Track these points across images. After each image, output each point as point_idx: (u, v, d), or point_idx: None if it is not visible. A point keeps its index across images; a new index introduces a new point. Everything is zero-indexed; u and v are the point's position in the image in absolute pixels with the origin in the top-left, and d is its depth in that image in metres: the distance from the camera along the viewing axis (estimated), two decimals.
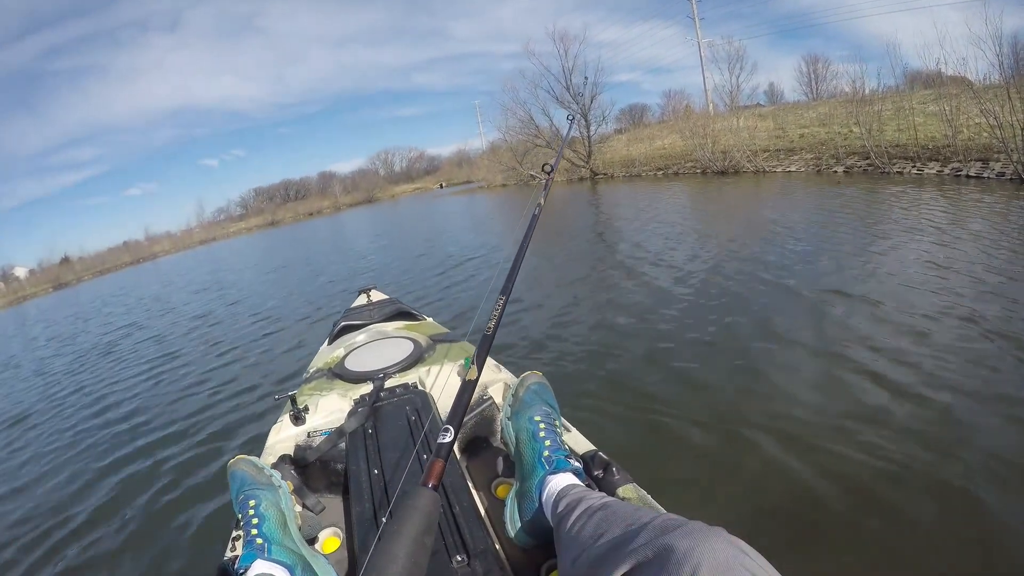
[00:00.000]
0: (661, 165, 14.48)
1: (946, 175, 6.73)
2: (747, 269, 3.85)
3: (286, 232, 25.09)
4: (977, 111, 6.74)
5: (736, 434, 1.88)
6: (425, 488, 0.58)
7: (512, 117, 19.86)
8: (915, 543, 1.33)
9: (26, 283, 31.77)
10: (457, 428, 0.65)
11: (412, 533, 0.53)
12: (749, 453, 1.77)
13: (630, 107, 27.65)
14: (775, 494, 1.57)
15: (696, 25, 19.95)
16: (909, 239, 3.95)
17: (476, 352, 0.79)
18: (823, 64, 21.24)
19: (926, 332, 2.38)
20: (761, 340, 2.64)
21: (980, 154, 6.76)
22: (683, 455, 1.84)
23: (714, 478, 1.71)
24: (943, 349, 2.20)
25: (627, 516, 0.63)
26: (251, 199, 48.16)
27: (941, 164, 7.13)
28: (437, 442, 0.63)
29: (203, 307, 7.56)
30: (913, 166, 7.47)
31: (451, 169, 40.64)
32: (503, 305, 0.86)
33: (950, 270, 3.10)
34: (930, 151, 7.55)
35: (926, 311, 2.59)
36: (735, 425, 1.93)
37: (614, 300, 3.83)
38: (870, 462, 1.63)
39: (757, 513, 1.51)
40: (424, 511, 0.55)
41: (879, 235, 4.25)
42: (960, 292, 2.75)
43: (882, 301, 2.81)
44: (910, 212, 4.91)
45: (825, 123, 10.81)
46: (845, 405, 1.95)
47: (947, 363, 2.09)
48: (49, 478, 2.72)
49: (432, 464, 0.60)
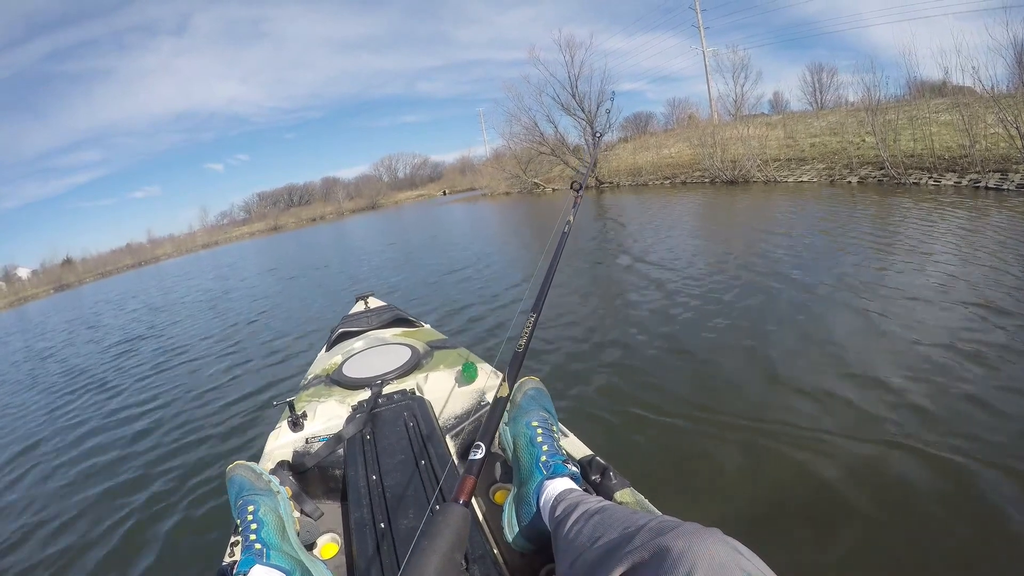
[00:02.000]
0: (668, 174, 14.48)
1: (964, 187, 6.69)
2: (748, 279, 3.86)
3: (289, 238, 25.27)
4: (993, 120, 6.72)
5: (733, 439, 1.92)
6: (456, 504, 0.58)
7: (516, 124, 19.97)
8: (914, 544, 1.35)
9: (28, 284, 32.16)
10: (488, 445, 0.66)
11: (443, 549, 0.54)
12: (746, 458, 1.81)
13: (635, 115, 27.90)
14: (771, 497, 1.61)
15: (701, 34, 20.16)
16: (928, 255, 3.88)
17: (508, 369, 0.79)
18: (828, 73, 21.37)
19: (935, 349, 2.36)
20: (759, 348, 2.68)
21: (998, 165, 6.73)
22: (680, 460, 1.88)
23: (711, 482, 1.74)
24: (950, 365, 2.19)
25: (624, 519, 0.64)
26: (255, 204, 48.77)
27: (958, 175, 7.09)
28: (469, 459, 0.64)
29: (201, 312, 7.62)
30: (930, 177, 7.43)
31: (454, 176, 40.93)
32: (534, 323, 0.86)
33: (968, 283, 3.08)
34: (946, 161, 7.52)
35: (938, 327, 2.57)
36: (732, 430, 1.98)
37: (612, 307, 3.88)
38: (867, 465, 1.67)
39: (753, 516, 1.54)
40: (455, 527, 0.56)
41: (897, 251, 4.14)
42: (976, 305, 2.74)
43: (890, 314, 2.81)
44: (930, 226, 4.80)
45: (836, 132, 10.81)
46: (841, 412, 1.99)
47: (954, 375, 2.09)
48: (46, 483, 2.74)
49: (463, 480, 0.61)
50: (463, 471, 0.63)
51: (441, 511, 0.57)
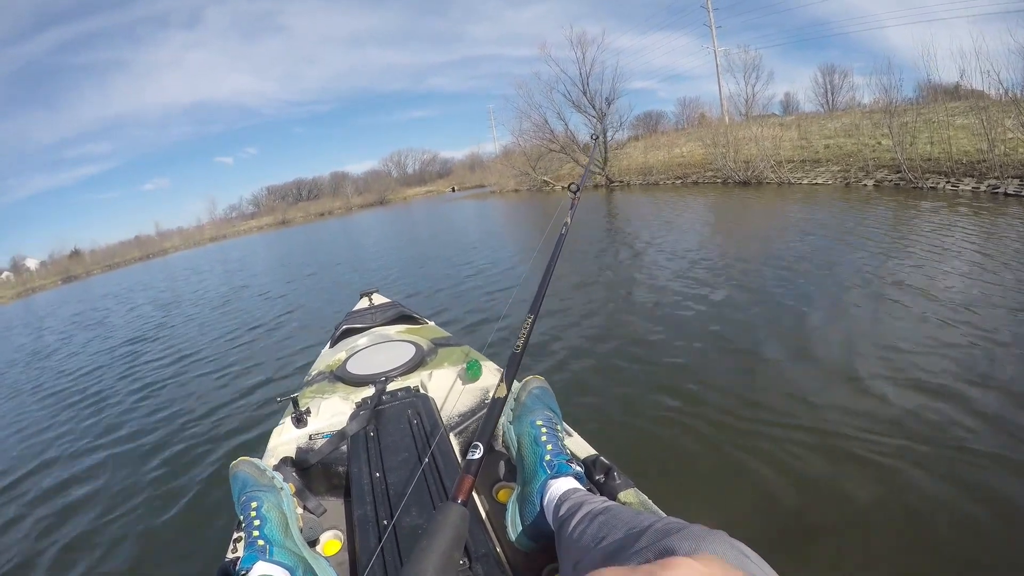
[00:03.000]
0: (680, 174, 14.41)
1: (982, 192, 6.60)
2: (761, 283, 3.83)
3: (296, 232, 25.39)
4: (1012, 124, 6.62)
5: (738, 440, 1.92)
6: (455, 504, 0.59)
7: (526, 121, 19.95)
8: (916, 548, 1.36)
9: (36, 275, 32.62)
10: (487, 445, 0.67)
11: (442, 548, 0.55)
12: (751, 459, 1.81)
13: (645, 114, 27.76)
14: (776, 500, 1.61)
15: (712, 33, 19.99)
16: (953, 263, 3.73)
17: (505, 370, 0.80)
18: (840, 75, 21.18)
19: (948, 361, 2.32)
20: (766, 350, 2.69)
21: (1018, 170, 6.64)
22: (685, 460, 1.89)
23: (716, 484, 1.75)
24: (960, 378, 2.15)
25: (629, 520, 0.64)
26: (263, 197, 49.12)
27: (976, 180, 7.00)
28: (467, 458, 0.65)
29: (205, 308, 7.68)
30: (947, 181, 7.33)
31: (464, 172, 40.99)
32: (531, 324, 0.87)
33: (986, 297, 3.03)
34: (964, 166, 7.42)
35: (950, 341, 2.53)
36: (737, 431, 1.98)
37: (618, 307, 3.90)
38: (872, 469, 1.67)
39: (758, 518, 1.54)
40: (454, 526, 0.57)
41: (915, 257, 3.97)
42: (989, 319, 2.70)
43: (904, 324, 2.78)
44: (953, 232, 4.63)
45: (851, 134, 10.70)
46: (846, 415, 1.99)
47: (963, 390, 2.06)
48: (50, 477, 2.77)
49: (462, 480, 0.62)
50: (462, 471, 0.64)
51: (440, 510, 0.58)
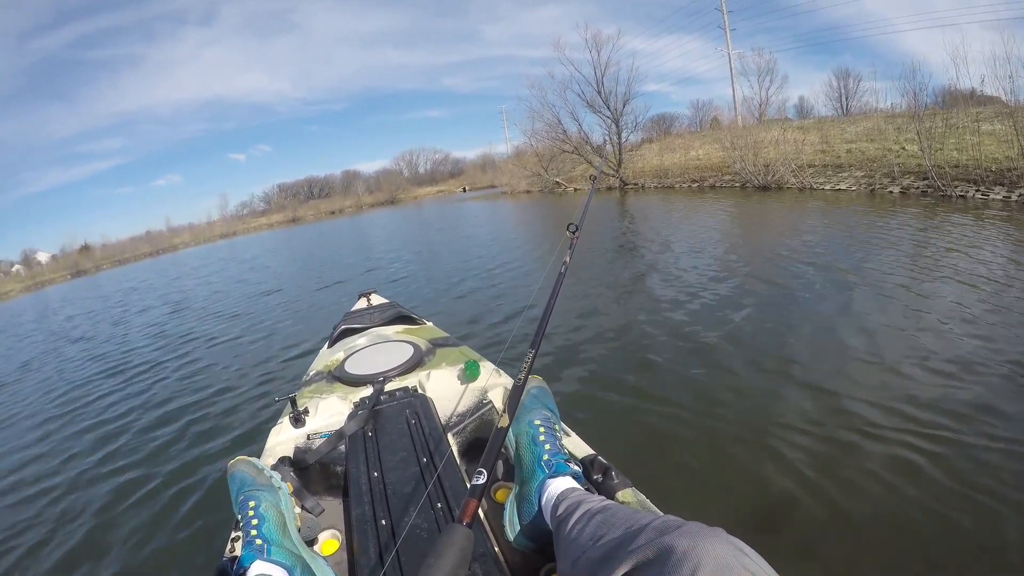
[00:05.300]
0: (696, 177, 14.31)
1: (1013, 201, 6.44)
2: (768, 289, 3.81)
3: (307, 230, 25.63)
4: None
5: (736, 440, 1.95)
6: (460, 526, 0.60)
7: (539, 121, 19.97)
8: (916, 547, 1.37)
9: (46, 269, 33.38)
10: (490, 471, 0.68)
11: (447, 568, 0.55)
12: (749, 459, 1.84)
13: (659, 116, 27.63)
14: (774, 498, 1.64)
15: (727, 36, 19.94)
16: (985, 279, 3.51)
17: (507, 402, 0.81)
18: (854, 79, 20.95)
19: (960, 378, 2.23)
20: (766, 352, 2.73)
21: None
22: (683, 460, 1.91)
23: (713, 483, 1.77)
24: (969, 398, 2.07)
25: (627, 518, 0.65)
26: (274, 195, 49.77)
27: (1007, 188, 6.84)
28: (472, 483, 0.66)
29: (206, 307, 7.75)
30: (977, 190, 7.18)
31: (475, 173, 41.15)
32: (532, 358, 0.88)
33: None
34: (994, 174, 7.27)
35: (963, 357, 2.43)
36: (735, 432, 2.01)
37: (618, 308, 3.95)
38: (872, 469, 1.69)
39: (756, 518, 1.57)
40: (459, 548, 0.58)
41: (945, 272, 3.70)
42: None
43: (914, 339, 2.71)
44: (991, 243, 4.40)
45: (873, 139, 10.53)
46: (845, 416, 2.01)
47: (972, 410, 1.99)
48: (46, 477, 2.79)
49: (467, 503, 0.63)
50: (467, 494, 0.65)
51: (446, 532, 0.59)
